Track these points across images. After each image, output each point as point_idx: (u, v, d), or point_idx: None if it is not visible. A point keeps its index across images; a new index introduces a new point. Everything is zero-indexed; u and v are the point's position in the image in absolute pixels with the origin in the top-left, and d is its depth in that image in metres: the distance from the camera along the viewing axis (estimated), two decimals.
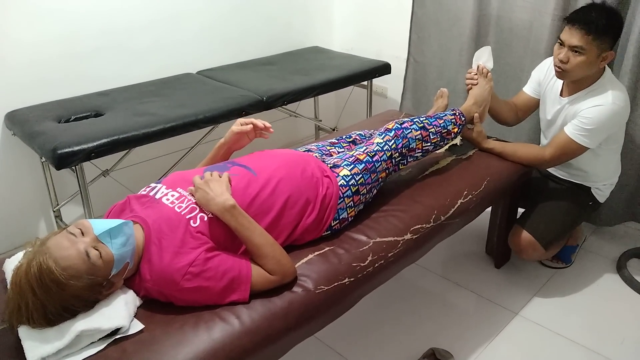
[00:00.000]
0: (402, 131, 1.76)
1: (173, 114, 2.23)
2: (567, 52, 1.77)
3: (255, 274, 1.31)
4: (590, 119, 1.81)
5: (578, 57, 1.76)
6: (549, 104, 2.04)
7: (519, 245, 2.02)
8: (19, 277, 1.13)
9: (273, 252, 1.33)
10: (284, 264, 1.34)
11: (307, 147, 1.83)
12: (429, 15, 2.86)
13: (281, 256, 1.35)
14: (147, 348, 1.16)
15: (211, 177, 1.38)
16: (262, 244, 1.33)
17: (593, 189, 2.08)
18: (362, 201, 1.65)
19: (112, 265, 1.20)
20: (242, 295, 1.29)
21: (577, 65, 1.77)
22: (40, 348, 1.11)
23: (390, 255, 1.55)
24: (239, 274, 1.29)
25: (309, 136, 3.65)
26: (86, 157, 1.97)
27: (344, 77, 2.80)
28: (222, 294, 1.27)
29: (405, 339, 1.90)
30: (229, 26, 2.99)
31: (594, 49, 1.74)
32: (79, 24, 2.43)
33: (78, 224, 1.22)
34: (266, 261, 1.32)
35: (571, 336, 1.90)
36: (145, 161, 2.75)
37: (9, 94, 2.30)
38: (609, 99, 1.80)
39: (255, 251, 1.33)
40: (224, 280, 1.27)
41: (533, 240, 1.99)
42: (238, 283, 1.28)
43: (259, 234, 1.34)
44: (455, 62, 2.80)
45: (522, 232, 2.02)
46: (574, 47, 1.75)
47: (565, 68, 1.80)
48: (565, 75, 1.84)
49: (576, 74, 1.82)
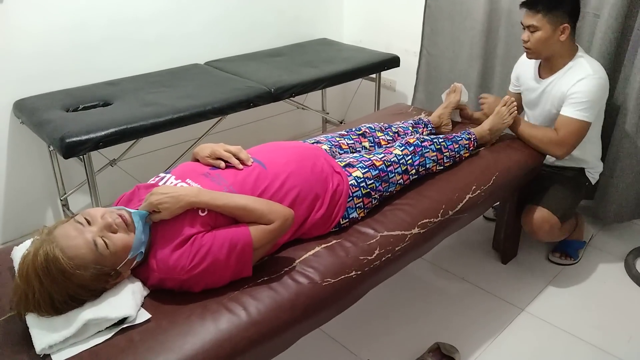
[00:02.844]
0: (421, 149, 1.78)
1: (181, 104, 2.23)
2: (527, 33, 1.95)
3: (253, 230, 1.28)
4: (582, 92, 1.90)
5: (535, 34, 1.92)
6: (530, 88, 2.14)
7: (534, 222, 2.01)
8: (26, 266, 1.13)
9: (260, 205, 1.31)
10: (276, 209, 1.32)
11: (316, 138, 1.82)
12: (442, 8, 2.85)
13: (270, 204, 1.33)
14: (153, 337, 1.16)
15: (152, 194, 1.28)
16: (246, 202, 1.30)
17: (586, 171, 2.17)
18: (373, 204, 1.64)
19: (124, 253, 1.21)
20: (246, 254, 1.26)
21: (537, 41, 1.93)
22: (47, 336, 1.11)
23: (397, 249, 1.54)
24: (236, 234, 1.27)
25: (316, 129, 3.64)
26: (94, 147, 1.97)
27: (352, 69, 2.79)
28: (227, 261, 1.25)
29: (411, 333, 1.90)
30: (237, 17, 2.98)
31: (546, 25, 1.90)
32: (87, 14, 2.43)
33: (85, 213, 1.21)
34: (259, 215, 1.30)
35: (578, 333, 1.90)
36: (153, 151, 2.75)
37: (18, 82, 2.30)
38: (589, 71, 1.92)
39: (244, 213, 1.30)
40: (224, 247, 1.25)
41: (548, 214, 1.99)
42: (239, 244, 1.26)
43: (238, 197, 1.31)
44: (467, 55, 2.78)
45: (536, 208, 2.02)
46: (529, 26, 1.93)
47: (528, 46, 1.96)
48: (532, 54, 1.99)
49: (540, 50, 1.96)
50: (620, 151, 2.26)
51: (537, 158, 2.08)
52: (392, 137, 1.96)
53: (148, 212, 1.27)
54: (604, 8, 2.20)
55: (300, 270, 1.38)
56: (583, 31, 2.34)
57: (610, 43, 2.21)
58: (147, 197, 1.28)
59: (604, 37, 2.21)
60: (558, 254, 2.26)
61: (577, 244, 2.27)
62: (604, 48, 2.22)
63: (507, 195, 2.08)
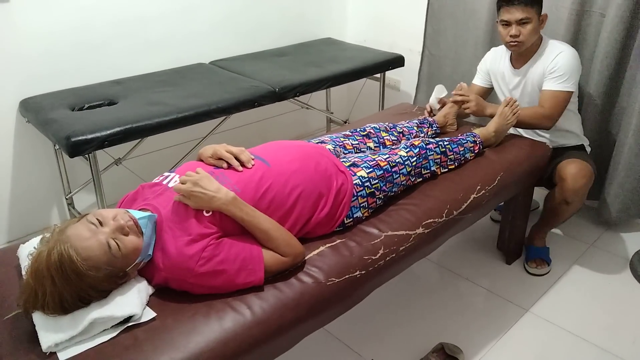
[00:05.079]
0: (425, 152, 1.79)
1: (186, 103, 2.23)
2: (516, 27, 2.01)
3: (266, 255, 1.32)
4: (560, 65, 2.03)
5: (527, 26, 2.01)
6: (507, 80, 2.24)
7: (570, 170, 2.04)
8: (39, 264, 1.13)
9: (281, 235, 1.35)
10: (293, 244, 1.36)
11: (320, 138, 1.82)
12: (445, 8, 2.84)
13: (289, 237, 1.36)
14: (158, 336, 1.17)
15: (194, 177, 1.31)
16: (269, 228, 1.34)
17: (585, 147, 2.27)
18: (377, 204, 1.65)
19: (134, 255, 1.22)
20: (256, 276, 1.29)
21: (529, 33, 2.02)
22: (54, 335, 1.12)
23: (401, 249, 1.54)
24: (251, 255, 1.29)
25: (320, 128, 3.64)
26: (99, 146, 1.98)
27: (356, 69, 2.79)
28: (236, 276, 1.27)
29: (415, 333, 1.90)
30: (242, 17, 2.99)
31: (534, 15, 2.00)
32: (93, 14, 2.43)
33: (96, 214, 1.22)
34: (276, 244, 1.33)
35: (582, 334, 1.89)
36: (157, 150, 2.76)
37: (24, 81, 2.31)
38: (562, 47, 2.07)
39: (263, 236, 1.33)
40: (237, 262, 1.27)
41: (581, 162, 2.06)
42: (251, 264, 1.29)
43: (264, 219, 1.35)
44: (470, 56, 2.78)
45: (568, 161, 2.08)
46: (520, 20, 1.99)
47: (519, 40, 2.03)
48: (521, 46, 2.06)
49: (530, 41, 2.05)
50: (626, 151, 2.25)
51: (541, 158, 2.08)
52: (397, 137, 1.96)
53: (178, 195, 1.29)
54: (609, 7, 2.19)
55: (304, 270, 1.39)
56: (589, 30, 2.33)
57: (616, 43, 2.20)
58: (185, 178, 1.30)
59: (609, 36, 2.20)
60: (534, 264, 2.21)
61: (546, 249, 2.26)
62: (610, 48, 2.22)
63: (512, 195, 2.08)
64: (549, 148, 2.12)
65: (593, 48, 2.32)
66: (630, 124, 2.22)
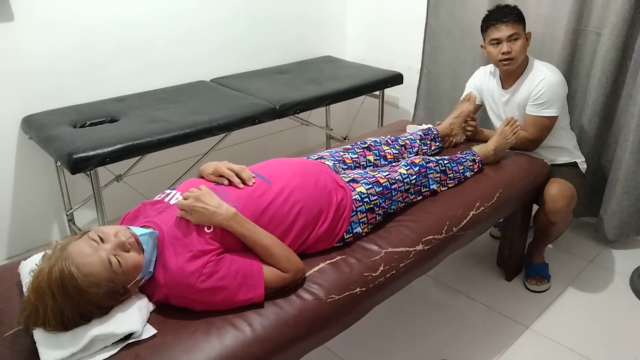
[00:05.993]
0: (425, 170, 1.80)
1: (187, 120, 2.25)
2: (508, 44, 2.04)
3: (267, 271, 1.32)
4: (543, 92, 2.05)
5: (518, 42, 2.04)
6: (496, 99, 2.27)
7: (556, 191, 2.05)
8: (40, 281, 1.13)
9: (282, 251, 1.35)
10: (293, 260, 1.37)
11: (320, 154, 1.84)
12: (442, 26, 2.87)
13: (290, 254, 1.37)
14: (159, 353, 1.17)
15: (196, 192, 1.33)
16: (270, 244, 1.35)
17: (579, 164, 2.25)
18: (377, 220, 1.65)
19: (135, 272, 1.22)
20: (256, 293, 1.29)
21: (520, 48, 2.05)
22: (54, 351, 1.11)
23: (401, 265, 1.54)
24: (251, 271, 1.30)
25: (320, 145, 3.66)
26: (101, 162, 1.99)
27: (356, 86, 2.82)
28: (237, 292, 1.28)
29: (416, 350, 1.89)
30: (243, 35, 3.02)
31: (522, 32, 2.06)
32: (96, 33, 2.47)
33: (98, 231, 1.23)
34: (277, 260, 1.34)
35: (583, 351, 1.88)
36: (159, 167, 2.77)
37: (26, 98, 2.34)
38: (546, 72, 2.07)
39: (264, 252, 1.34)
40: (237, 278, 1.27)
41: (564, 182, 2.07)
42: (252, 280, 1.29)
43: (265, 235, 1.35)
44: (468, 73, 2.78)
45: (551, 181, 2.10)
46: (511, 36, 2.03)
47: (512, 56, 2.05)
48: (514, 63, 2.07)
49: (520, 58, 2.07)
50: (623, 168, 2.27)
51: (540, 174, 2.09)
52: (399, 151, 1.97)
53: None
54: (605, 27, 2.22)
55: (304, 287, 1.39)
56: (585, 49, 2.36)
57: (612, 61, 2.23)
58: (187, 194, 1.32)
59: (605, 55, 2.23)
60: (534, 281, 2.22)
61: (545, 265, 2.26)
62: (606, 66, 2.25)
63: (511, 212, 2.09)
64: (547, 165, 2.14)
65: (589, 66, 2.35)
66: (627, 140, 2.24)
